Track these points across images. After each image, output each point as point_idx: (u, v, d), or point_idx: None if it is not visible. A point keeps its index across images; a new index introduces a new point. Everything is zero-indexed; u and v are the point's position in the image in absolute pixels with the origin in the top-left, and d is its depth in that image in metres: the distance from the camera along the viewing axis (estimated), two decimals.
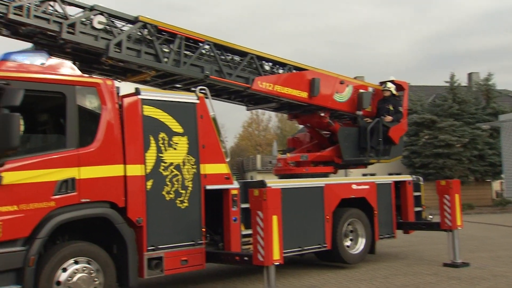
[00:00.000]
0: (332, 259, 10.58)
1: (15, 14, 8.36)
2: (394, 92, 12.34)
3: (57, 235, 6.76)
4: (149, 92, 7.97)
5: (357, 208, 10.82)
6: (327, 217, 10.02)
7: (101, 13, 8.91)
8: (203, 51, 9.90)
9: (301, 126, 13.99)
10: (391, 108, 12.15)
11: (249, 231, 8.23)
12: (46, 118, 7.82)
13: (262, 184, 8.92)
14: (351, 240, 10.80)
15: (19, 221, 6.22)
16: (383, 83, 12.51)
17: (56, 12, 8.89)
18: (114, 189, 7.18)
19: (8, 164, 6.18)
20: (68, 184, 6.72)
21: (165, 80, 9.87)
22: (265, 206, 7.46)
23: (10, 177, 6.18)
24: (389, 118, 11.97)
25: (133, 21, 9.08)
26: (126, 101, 7.58)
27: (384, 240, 11.57)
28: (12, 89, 6.15)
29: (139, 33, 9.15)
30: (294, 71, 11.20)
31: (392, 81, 12.48)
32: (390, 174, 18.81)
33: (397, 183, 11.88)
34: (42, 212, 6.43)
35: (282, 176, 11.50)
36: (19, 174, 6.29)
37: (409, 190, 11.96)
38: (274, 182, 9.43)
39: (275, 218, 7.49)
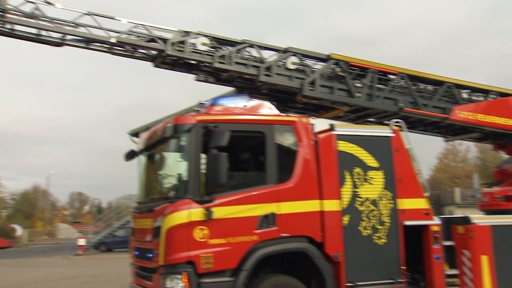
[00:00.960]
0: None
1: (219, 62, 9.27)
2: None
3: (260, 267, 7.06)
4: (343, 128, 8.01)
5: None
6: None
7: (294, 54, 9.36)
8: (396, 83, 9.71)
9: (509, 156, 12.69)
10: None
11: (455, 271, 7.61)
12: (247, 156, 8.35)
13: (466, 220, 8.22)
14: None
15: (228, 253, 6.68)
16: None
17: (253, 57, 9.62)
18: (312, 224, 7.29)
19: (217, 200, 6.72)
20: (269, 219, 7.01)
21: (358, 115, 9.90)
22: (472, 244, 6.85)
23: (219, 212, 6.70)
24: None
25: (324, 59, 9.35)
26: (321, 137, 7.71)
27: None
28: (219, 131, 6.71)
29: (331, 70, 9.35)
30: (497, 97, 10.31)
31: None
32: None
33: None
34: (246, 245, 6.80)
35: (489, 211, 10.50)
36: (226, 209, 6.78)
37: None
38: (480, 218, 8.60)
39: (484, 258, 6.82)
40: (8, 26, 8.95)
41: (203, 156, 6.89)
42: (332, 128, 7.83)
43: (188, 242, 6.54)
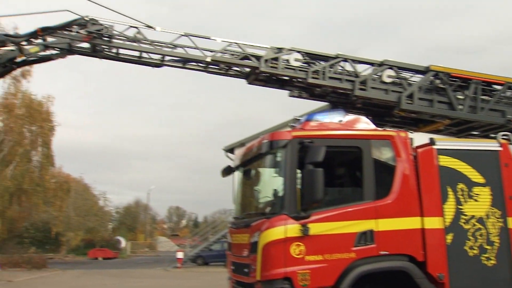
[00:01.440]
0: None
1: (313, 78, 9.26)
2: None
3: (358, 285, 6.86)
4: (444, 142, 7.67)
5: None
6: None
7: (390, 67, 9.13)
8: (502, 94, 9.15)
9: None
10: None
11: None
12: (343, 171, 8.21)
13: None
14: None
15: (325, 270, 6.57)
16: None
17: (347, 71, 9.51)
18: (412, 242, 6.99)
19: (313, 216, 6.65)
20: (366, 236, 6.82)
21: (460, 128, 9.41)
22: None
23: (316, 229, 6.62)
24: None
25: (423, 71, 9.02)
26: (421, 151, 7.42)
27: None
28: (315, 147, 6.67)
29: (429, 83, 9.01)
30: None
31: None
32: None
33: None
34: (344, 263, 6.66)
35: None
36: (322, 225, 6.69)
37: None
38: None
39: None
40: (114, 50, 9.58)
41: (299, 171, 6.87)
42: (432, 142, 7.49)
43: (284, 258, 6.52)
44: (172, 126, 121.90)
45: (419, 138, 8.20)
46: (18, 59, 9.17)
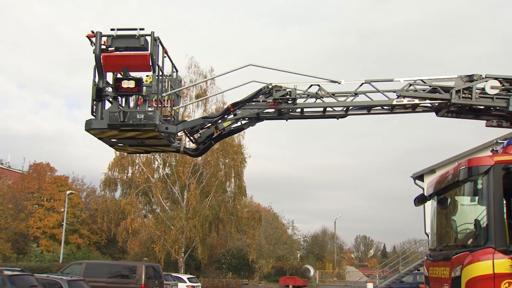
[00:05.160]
0: None
1: None
2: None
3: None
4: None
5: None
6: None
7: None
8: None
9: None
10: None
11: None
12: None
13: None
14: None
15: None
16: None
17: None
18: None
19: None
20: None
21: None
22: None
23: None
24: None
25: None
26: None
27: None
28: None
29: None
30: None
31: None
32: None
33: None
34: None
35: None
36: None
37: None
38: None
39: None
40: (298, 110, 9.77)
41: (505, 200, 6.24)
42: None
43: None
44: (361, 155, 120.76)
45: None
46: (215, 135, 9.93)
